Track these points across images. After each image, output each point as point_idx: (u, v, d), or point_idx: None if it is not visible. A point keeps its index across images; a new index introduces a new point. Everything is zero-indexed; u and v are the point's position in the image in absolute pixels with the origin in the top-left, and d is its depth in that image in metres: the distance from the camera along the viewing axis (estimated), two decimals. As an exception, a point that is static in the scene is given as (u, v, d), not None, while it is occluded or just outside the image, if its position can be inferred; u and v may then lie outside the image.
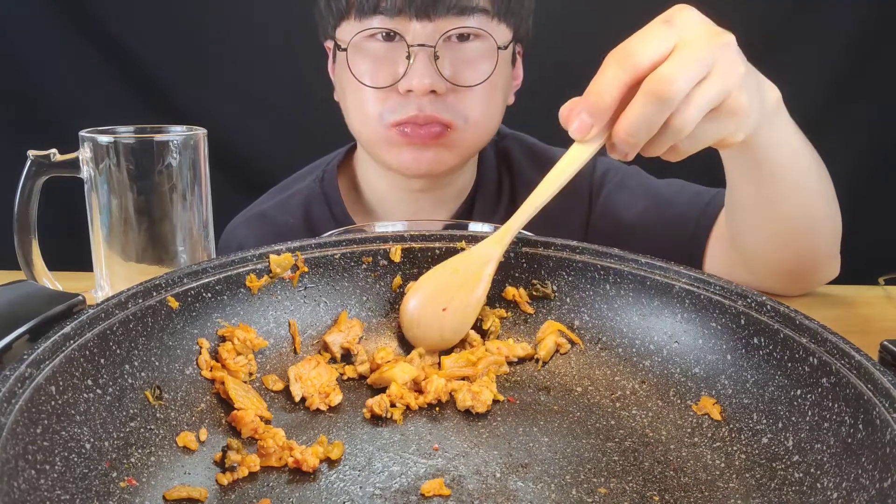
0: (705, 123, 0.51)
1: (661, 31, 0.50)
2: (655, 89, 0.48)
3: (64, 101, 1.50)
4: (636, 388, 0.52)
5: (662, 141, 0.51)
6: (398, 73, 0.80)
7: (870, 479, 0.37)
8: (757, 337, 0.48)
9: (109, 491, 0.38)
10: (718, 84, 0.50)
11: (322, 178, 0.97)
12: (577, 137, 0.51)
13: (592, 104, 0.49)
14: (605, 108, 0.49)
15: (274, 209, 0.97)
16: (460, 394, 0.49)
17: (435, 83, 0.79)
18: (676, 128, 0.49)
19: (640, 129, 0.49)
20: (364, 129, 0.86)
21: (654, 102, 0.48)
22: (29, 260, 0.66)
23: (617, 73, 0.49)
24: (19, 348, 0.42)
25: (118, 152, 0.63)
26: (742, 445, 0.45)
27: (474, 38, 0.82)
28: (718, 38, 0.50)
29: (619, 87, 0.49)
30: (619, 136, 0.50)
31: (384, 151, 0.85)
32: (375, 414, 0.48)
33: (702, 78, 0.49)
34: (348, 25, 0.83)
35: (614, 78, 0.49)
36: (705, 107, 0.50)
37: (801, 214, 0.70)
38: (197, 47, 1.51)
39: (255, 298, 0.52)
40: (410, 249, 0.57)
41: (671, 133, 0.50)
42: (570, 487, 0.42)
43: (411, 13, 0.78)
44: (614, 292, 0.55)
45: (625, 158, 0.52)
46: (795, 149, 0.66)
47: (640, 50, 0.49)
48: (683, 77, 0.48)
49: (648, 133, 0.49)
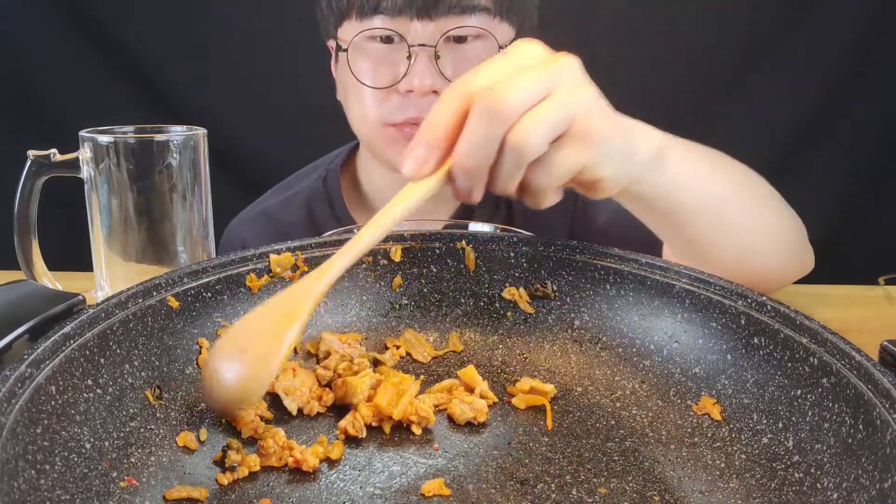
0: (556, 150, 0.46)
1: (498, 61, 0.47)
2: (485, 103, 0.44)
3: (64, 101, 1.50)
4: (636, 388, 0.52)
5: (506, 166, 0.46)
6: (399, 74, 0.80)
7: (870, 479, 0.37)
8: (757, 337, 0.48)
9: (109, 491, 0.38)
10: (560, 101, 0.45)
11: (324, 177, 0.97)
12: (411, 174, 0.46)
13: (424, 135, 0.46)
14: (439, 136, 0.45)
15: (276, 208, 0.97)
16: (456, 408, 0.48)
17: (436, 83, 0.79)
18: (515, 144, 0.45)
19: (475, 147, 0.45)
20: (365, 128, 0.86)
21: (485, 117, 0.44)
22: (29, 260, 0.66)
23: (449, 101, 0.45)
24: (19, 348, 0.42)
25: (118, 152, 0.63)
26: (742, 445, 0.45)
27: (476, 37, 0.81)
28: (558, 60, 0.47)
29: (452, 115, 0.45)
30: (455, 162, 0.46)
31: (385, 150, 0.85)
32: (350, 435, 0.46)
33: (541, 97, 0.45)
34: (349, 25, 0.83)
35: (447, 107, 0.45)
36: (546, 123, 0.45)
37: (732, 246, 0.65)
38: (197, 47, 1.51)
39: (256, 298, 0.52)
40: (410, 249, 0.57)
41: (511, 152, 0.45)
42: (570, 487, 0.42)
43: (412, 13, 0.78)
44: (614, 292, 0.54)
45: (468, 198, 0.47)
46: (701, 189, 0.60)
47: (474, 78, 0.46)
48: (515, 90, 0.44)
49: (485, 153, 0.45)
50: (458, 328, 0.57)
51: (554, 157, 0.47)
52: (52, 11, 1.47)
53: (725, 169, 0.64)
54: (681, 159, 0.58)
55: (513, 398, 0.51)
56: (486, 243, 0.57)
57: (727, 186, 0.64)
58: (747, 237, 0.65)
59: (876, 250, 1.26)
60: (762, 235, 0.67)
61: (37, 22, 1.48)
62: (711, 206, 0.61)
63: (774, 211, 0.68)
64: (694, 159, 0.60)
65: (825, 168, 1.50)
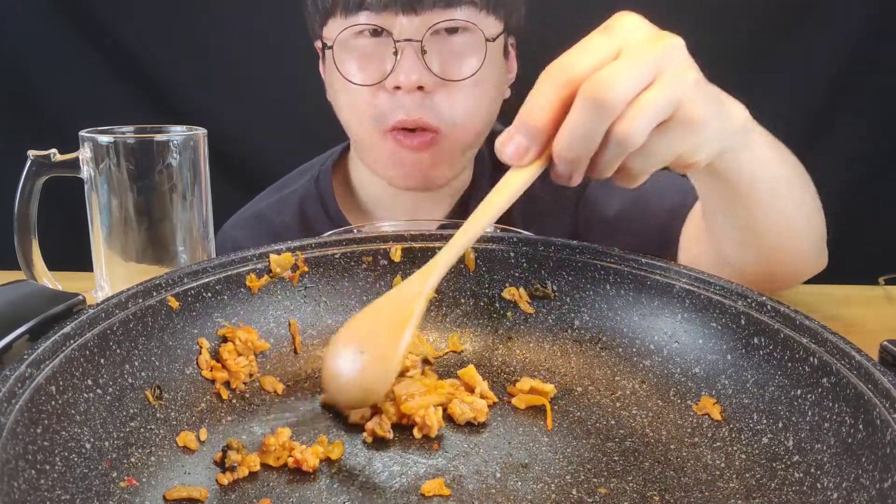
0: (657, 137, 0.45)
1: (599, 40, 0.45)
2: (591, 94, 0.42)
3: (64, 101, 1.50)
4: (636, 388, 0.52)
5: (608, 156, 0.45)
6: (386, 70, 0.79)
7: (870, 479, 0.37)
8: (757, 337, 0.48)
9: (109, 491, 0.38)
10: (666, 90, 0.44)
11: (317, 178, 0.97)
12: (512, 163, 0.46)
13: (525, 124, 0.44)
14: (540, 127, 0.44)
15: (269, 209, 0.97)
16: (456, 408, 0.48)
17: (422, 78, 0.78)
18: (621, 138, 0.44)
19: (578, 140, 0.44)
20: (355, 128, 0.86)
21: (591, 108, 0.43)
22: (29, 260, 0.66)
23: (551, 88, 0.44)
24: (19, 348, 0.42)
25: (118, 152, 0.63)
26: (742, 445, 0.45)
27: (462, 30, 0.81)
28: (663, 41, 0.45)
29: (554, 103, 0.44)
30: (556, 151, 0.45)
31: (378, 162, 0.85)
32: (378, 436, 0.46)
33: (647, 84, 0.44)
34: (335, 23, 0.82)
35: (548, 94, 0.44)
36: (652, 114, 0.44)
37: (779, 230, 0.66)
38: (197, 47, 1.51)
39: (256, 298, 0.52)
40: (410, 249, 0.57)
41: (616, 145, 0.44)
42: (570, 487, 0.42)
43: (397, 8, 0.78)
44: (614, 292, 0.55)
45: (568, 182, 0.46)
46: (772, 170, 0.61)
47: (576, 61, 0.44)
48: (622, 80, 0.43)
49: (588, 145, 0.44)
50: (458, 328, 0.57)
51: (654, 145, 0.46)
52: (52, 11, 1.47)
53: (788, 153, 0.65)
54: (761, 135, 0.59)
55: (513, 398, 0.51)
56: (486, 243, 0.57)
57: (790, 170, 0.65)
58: (794, 221, 0.67)
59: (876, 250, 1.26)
60: (807, 221, 0.69)
61: (37, 22, 1.48)
62: (779, 186, 0.63)
63: (813, 201, 0.70)
64: (768, 139, 0.61)
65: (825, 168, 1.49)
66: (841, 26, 1.48)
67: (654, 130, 0.45)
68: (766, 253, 0.67)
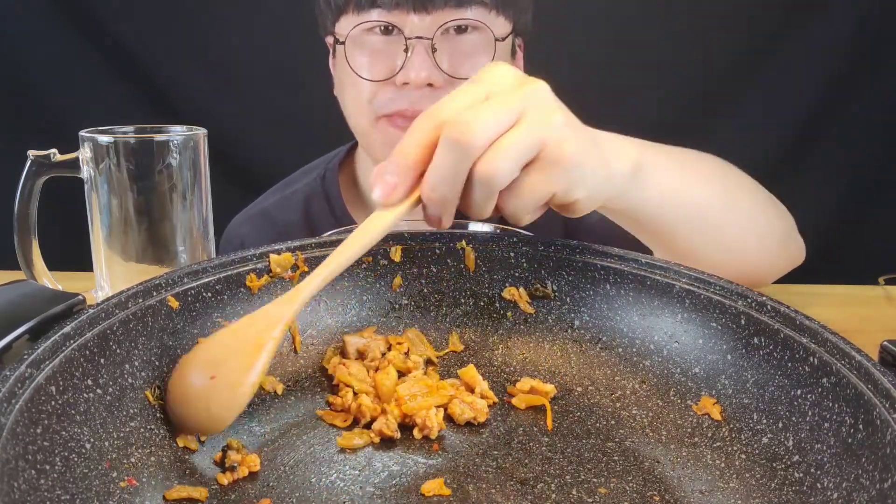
0: (526, 176, 0.46)
1: (468, 88, 0.47)
2: (451, 135, 0.44)
3: (64, 101, 1.50)
4: (636, 388, 0.51)
5: (476, 196, 0.46)
6: (396, 67, 0.80)
7: (870, 479, 0.37)
8: (757, 337, 0.48)
9: (109, 491, 0.38)
10: (527, 130, 0.45)
11: (323, 176, 0.97)
12: (381, 201, 0.46)
13: (395, 164, 0.46)
14: (409, 165, 0.45)
15: (275, 207, 0.98)
16: (456, 408, 0.48)
17: (432, 76, 0.79)
18: (483, 177, 0.44)
19: (441, 180, 0.45)
20: (359, 122, 0.87)
21: (451, 149, 0.44)
22: (29, 260, 0.66)
23: (420, 130, 0.45)
24: (19, 348, 0.42)
25: (118, 152, 0.63)
26: (742, 445, 0.45)
27: (472, 30, 0.82)
28: (527, 86, 0.47)
29: (422, 144, 0.45)
30: (423, 192, 0.46)
31: (379, 148, 0.86)
32: (386, 436, 0.46)
33: (509, 126, 0.45)
34: (347, 19, 0.83)
35: (418, 135, 0.45)
36: (514, 153, 0.45)
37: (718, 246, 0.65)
38: (197, 47, 1.51)
39: (256, 298, 0.52)
40: (410, 249, 0.57)
41: (480, 185, 0.45)
42: (570, 487, 0.42)
43: (409, 6, 0.79)
44: (614, 292, 0.54)
45: (439, 225, 0.47)
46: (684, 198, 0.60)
47: (446, 106, 0.46)
48: (481, 122, 0.44)
49: (452, 186, 0.45)
50: (458, 328, 0.57)
51: (525, 184, 0.46)
52: (52, 11, 1.47)
53: (706, 172, 0.64)
54: (659, 171, 0.58)
55: (513, 398, 0.51)
56: (486, 243, 0.57)
57: (709, 190, 0.64)
58: (733, 237, 0.66)
59: (876, 250, 1.26)
60: (748, 233, 0.68)
61: (37, 22, 1.48)
62: (694, 213, 0.62)
63: (759, 206, 0.69)
64: (673, 168, 0.60)
65: (825, 168, 1.50)
66: (841, 27, 1.48)
67: (524, 170, 0.46)
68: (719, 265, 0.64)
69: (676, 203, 0.60)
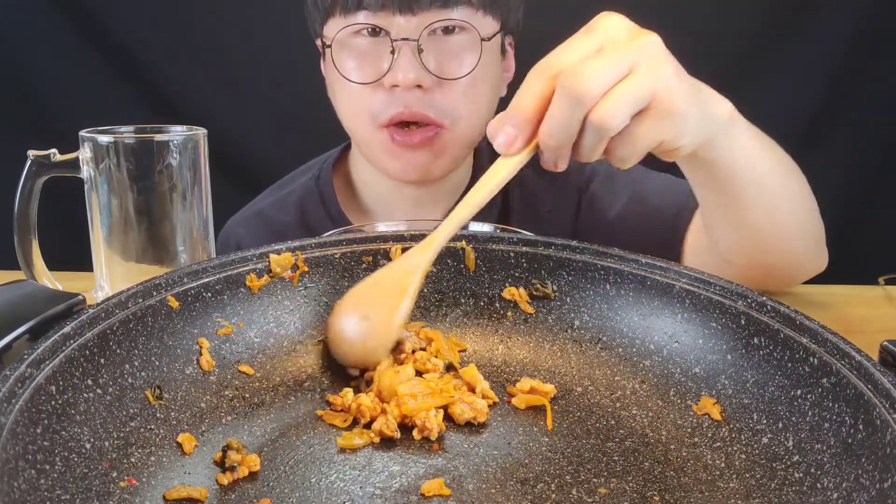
0: (637, 124, 0.49)
1: (581, 39, 0.49)
2: (567, 86, 0.47)
3: (64, 101, 1.50)
4: (636, 388, 0.51)
5: (588, 141, 0.49)
6: (383, 69, 0.80)
7: (870, 479, 0.37)
8: (757, 337, 0.48)
9: (109, 491, 0.38)
10: (640, 80, 0.48)
11: (318, 177, 0.97)
12: (502, 151, 0.50)
13: (514, 116, 0.49)
14: (527, 118, 0.48)
15: (271, 208, 0.98)
16: (456, 408, 0.48)
17: (420, 77, 0.79)
18: (597, 124, 0.47)
19: (558, 128, 0.48)
20: (354, 126, 0.87)
21: (567, 99, 0.47)
22: (29, 260, 0.66)
23: (536, 82, 0.48)
24: (19, 348, 0.42)
25: (118, 152, 0.63)
26: (742, 445, 0.45)
27: (459, 30, 0.82)
28: (640, 38, 0.49)
29: (538, 96, 0.48)
30: (540, 139, 0.49)
31: (375, 156, 0.86)
32: (386, 436, 0.46)
33: (622, 76, 0.48)
34: (334, 22, 0.83)
35: (534, 87, 0.48)
36: (626, 103, 0.47)
37: (771, 224, 0.68)
38: (197, 47, 1.51)
39: (256, 298, 0.52)
40: (410, 249, 0.57)
41: (594, 131, 0.48)
42: (570, 487, 0.42)
43: (395, 7, 0.79)
44: (614, 292, 0.54)
45: (554, 167, 0.50)
46: (758, 162, 0.64)
47: (560, 58, 0.48)
48: (595, 73, 0.46)
49: (568, 132, 0.48)
50: (458, 328, 0.57)
51: (635, 132, 0.49)
52: (52, 11, 1.47)
53: (772, 145, 0.67)
54: (745, 131, 0.62)
55: (513, 398, 0.51)
56: (486, 243, 0.58)
57: (779, 165, 0.67)
58: (788, 217, 0.69)
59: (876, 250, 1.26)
60: (799, 218, 0.71)
61: (37, 22, 1.48)
62: (763, 179, 0.65)
63: (809, 200, 0.72)
64: (754, 132, 0.64)
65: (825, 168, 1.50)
66: (840, 27, 1.48)
67: (635, 118, 0.49)
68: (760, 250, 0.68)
69: (751, 166, 0.63)
